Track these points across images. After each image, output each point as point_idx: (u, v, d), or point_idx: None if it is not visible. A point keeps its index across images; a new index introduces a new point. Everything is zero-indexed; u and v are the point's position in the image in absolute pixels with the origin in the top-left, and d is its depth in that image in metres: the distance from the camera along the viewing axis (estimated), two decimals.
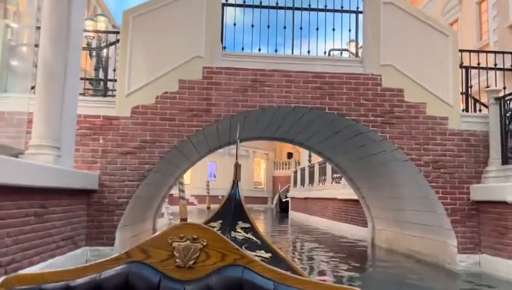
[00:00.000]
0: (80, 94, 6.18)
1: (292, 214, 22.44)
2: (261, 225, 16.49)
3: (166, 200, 14.64)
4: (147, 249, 1.40)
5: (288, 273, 1.51)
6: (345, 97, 6.39)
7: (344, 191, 13.39)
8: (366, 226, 11.03)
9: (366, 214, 9.93)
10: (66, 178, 4.95)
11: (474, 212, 6.26)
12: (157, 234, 1.43)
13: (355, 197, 11.72)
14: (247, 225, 3.34)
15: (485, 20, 14.18)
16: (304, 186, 20.65)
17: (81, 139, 6.01)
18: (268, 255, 2.85)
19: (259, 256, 2.30)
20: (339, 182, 14.58)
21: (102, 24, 10.76)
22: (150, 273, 1.38)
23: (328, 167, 15.72)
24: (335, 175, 15.23)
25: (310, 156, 24.45)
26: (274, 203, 36.10)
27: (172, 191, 22.39)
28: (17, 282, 1.36)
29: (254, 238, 3.20)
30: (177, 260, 1.38)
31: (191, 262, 1.38)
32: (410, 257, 7.69)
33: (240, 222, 3.36)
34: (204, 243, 1.39)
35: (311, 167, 19.18)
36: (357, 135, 6.92)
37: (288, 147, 39.40)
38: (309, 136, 8.77)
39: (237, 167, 3.72)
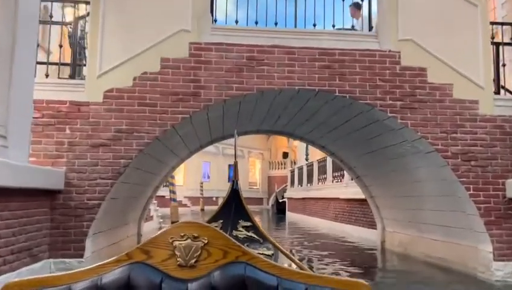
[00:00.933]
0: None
1: (289, 215, 21.46)
2: None
3: (155, 202, 13.61)
4: (147, 250, 1.38)
5: (292, 268, 1.69)
6: (358, 78, 5.42)
7: (347, 190, 12.44)
8: (374, 228, 10.07)
9: (375, 214, 8.98)
10: (17, 175, 3.92)
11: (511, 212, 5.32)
12: (157, 234, 1.42)
13: (361, 196, 10.76)
14: (249, 223, 3.50)
15: None
16: (301, 186, 19.68)
17: (43, 129, 4.98)
18: (270, 252, 2.82)
19: (262, 253, 2.09)
20: (341, 181, 13.63)
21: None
22: (152, 273, 1.36)
23: (329, 165, 14.76)
24: (336, 173, 14.28)
25: (307, 154, 23.50)
26: (270, 204, 35.13)
27: (162, 193, 21.41)
28: (18, 287, 1.33)
29: (256, 236, 3.30)
30: (179, 259, 1.37)
31: (193, 261, 1.37)
32: (431, 265, 6.73)
33: (241, 221, 3.52)
34: (206, 241, 1.38)
35: (310, 166, 18.21)
36: (372, 123, 5.95)
37: (284, 147, 38.45)
38: (312, 129, 7.79)
39: (236, 166, 3.96)
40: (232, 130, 8.49)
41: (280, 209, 25.53)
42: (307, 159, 21.84)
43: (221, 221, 3.67)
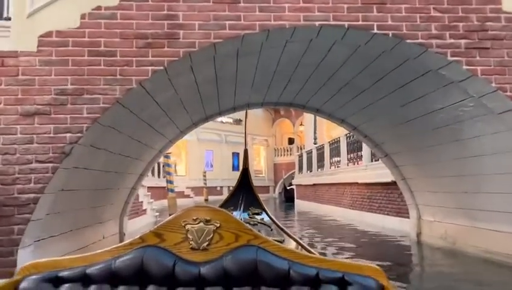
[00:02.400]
0: None
1: (299, 203, 19.92)
2: None
3: (148, 193, 12.08)
4: (160, 233, 1.40)
5: (303, 252, 1.59)
6: (404, 7, 3.78)
7: (367, 173, 10.85)
8: (403, 217, 8.49)
9: (407, 200, 7.38)
10: None
11: None
12: (170, 217, 1.42)
13: (386, 179, 9.18)
14: (259, 210, 3.73)
15: None
16: (311, 171, 18.10)
17: None
18: (281, 238, 2.83)
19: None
20: (358, 163, 12.04)
21: None
22: (165, 256, 1.37)
23: (343, 146, 13.15)
24: (351, 155, 12.68)
25: (315, 138, 21.93)
26: (277, 191, 33.65)
27: (154, 183, 19.96)
28: (34, 269, 1.36)
29: (266, 223, 3.38)
30: (191, 242, 1.39)
31: (205, 244, 1.38)
32: (493, 263, 5.18)
33: (251, 208, 3.77)
34: (218, 225, 1.40)
35: (320, 149, 16.60)
36: (419, 77, 4.33)
37: (289, 132, 36.85)
38: (330, 95, 6.18)
39: (246, 153, 4.72)
40: (229, 102, 6.91)
41: (288, 197, 23.97)
42: (315, 143, 20.26)
43: (232, 208, 3.71)
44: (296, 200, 20.79)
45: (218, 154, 33.13)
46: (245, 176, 4.49)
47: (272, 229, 3.27)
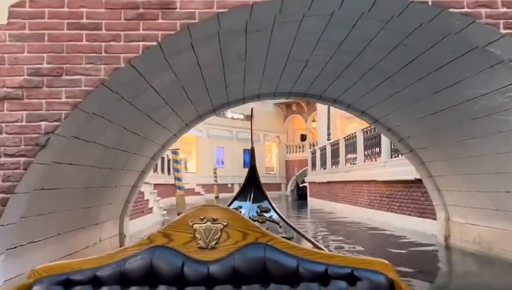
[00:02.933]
0: None
1: (312, 201, 19.26)
2: None
3: (155, 191, 11.56)
4: (168, 233, 1.41)
5: (311, 248, 1.65)
6: None
7: (386, 170, 10.18)
8: (428, 217, 7.84)
9: (434, 200, 6.71)
10: None
11: None
12: (177, 217, 1.43)
13: (407, 177, 8.52)
14: (267, 208, 3.68)
15: None
16: (325, 168, 17.42)
17: None
18: (290, 235, 2.79)
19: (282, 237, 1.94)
20: (375, 160, 11.36)
21: None
22: (174, 256, 1.38)
23: (359, 142, 12.47)
24: (368, 151, 12.00)
25: (329, 134, 21.25)
26: (289, 189, 33.00)
27: (164, 180, 19.47)
28: (45, 272, 1.36)
29: (275, 220, 3.36)
30: (199, 242, 1.39)
31: (213, 243, 1.39)
32: None
33: (259, 205, 3.73)
34: (225, 223, 1.40)
35: (335, 145, 15.92)
36: (460, 56, 3.68)
37: (301, 129, 36.15)
38: (351, 83, 5.55)
39: (253, 151, 4.77)
40: (238, 91, 6.30)
41: (301, 194, 23.30)
42: (328, 139, 19.59)
43: (240, 205, 3.73)
44: (309, 198, 20.14)
45: (229, 151, 32.60)
46: (253, 173, 4.47)
47: (280, 227, 3.25)
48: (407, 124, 6.06)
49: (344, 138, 14.48)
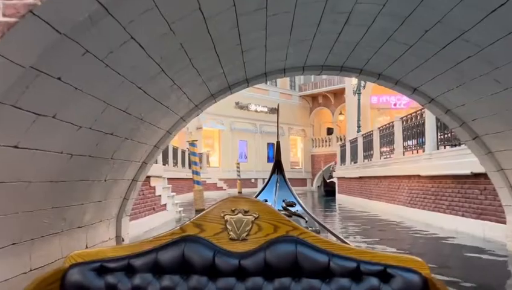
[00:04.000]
0: None
1: (341, 198, 17.93)
2: None
3: (169, 186, 10.51)
4: (200, 224, 1.45)
5: (341, 243, 1.53)
6: None
7: (431, 163, 8.82)
8: (483, 219, 6.57)
9: (504, 199, 5.37)
10: None
11: None
12: (209, 208, 1.46)
13: (461, 171, 7.18)
14: (293, 202, 3.64)
15: None
16: (356, 162, 16.06)
17: None
18: (316, 229, 2.89)
19: None
20: (417, 152, 9.99)
21: None
22: (205, 247, 1.40)
23: (398, 132, 11.10)
24: (408, 143, 10.63)
25: (358, 126, 19.87)
26: (315, 185, 31.68)
27: (184, 174, 18.52)
28: (80, 258, 1.41)
29: (300, 214, 3.38)
30: (231, 233, 1.42)
31: (244, 234, 1.42)
32: None
33: (285, 199, 3.67)
34: (256, 216, 1.42)
35: (368, 137, 14.55)
36: None
37: (328, 122, 34.76)
38: (401, 52, 4.29)
39: (278, 145, 4.78)
40: (258, 63, 5.12)
41: (328, 190, 21.96)
42: (358, 132, 18.22)
43: (265, 199, 3.67)
44: (337, 195, 18.83)
45: (252, 145, 31.55)
46: (278, 168, 4.47)
47: (306, 221, 3.22)
48: (475, 103, 4.73)
49: (379, 128, 13.10)
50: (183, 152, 20.17)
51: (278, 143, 4.86)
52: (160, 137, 5.15)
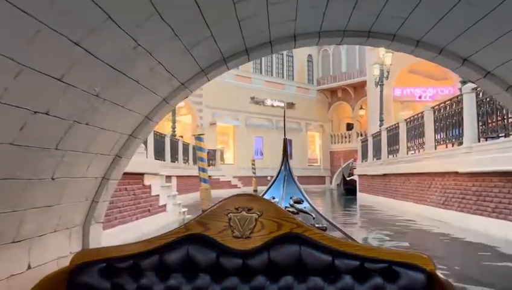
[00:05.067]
0: None
1: (362, 197, 16.67)
2: None
3: (170, 184, 9.45)
4: (204, 222, 1.49)
5: (346, 240, 1.65)
6: None
7: (472, 158, 7.54)
8: None
9: None
10: None
11: None
12: (213, 206, 1.49)
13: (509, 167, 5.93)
14: (300, 199, 3.68)
15: None
16: (379, 158, 14.78)
17: None
18: (323, 226, 2.83)
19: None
20: (453, 145, 8.70)
21: None
22: (209, 246, 1.44)
23: (428, 124, 9.81)
24: (441, 135, 9.34)
25: (381, 120, 18.55)
26: (334, 183, 30.38)
27: (186, 172, 17.47)
28: (87, 257, 1.48)
29: (308, 211, 3.35)
30: (235, 231, 1.46)
31: (248, 232, 1.45)
32: None
33: (292, 196, 3.69)
34: (259, 213, 1.46)
35: (392, 130, 13.25)
36: None
37: (347, 117, 33.37)
38: (445, 11, 3.09)
39: (285, 142, 4.81)
40: (260, 27, 3.97)
41: (348, 189, 20.68)
42: (381, 126, 16.92)
43: (273, 196, 3.76)
44: (358, 193, 17.57)
45: (268, 141, 30.41)
46: (285, 164, 4.45)
47: (314, 218, 3.18)
48: None
49: (405, 120, 11.81)
50: (194, 149, 19.33)
51: (285, 140, 4.95)
52: (137, 124, 4.05)
